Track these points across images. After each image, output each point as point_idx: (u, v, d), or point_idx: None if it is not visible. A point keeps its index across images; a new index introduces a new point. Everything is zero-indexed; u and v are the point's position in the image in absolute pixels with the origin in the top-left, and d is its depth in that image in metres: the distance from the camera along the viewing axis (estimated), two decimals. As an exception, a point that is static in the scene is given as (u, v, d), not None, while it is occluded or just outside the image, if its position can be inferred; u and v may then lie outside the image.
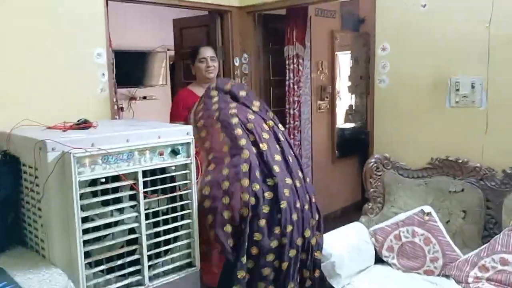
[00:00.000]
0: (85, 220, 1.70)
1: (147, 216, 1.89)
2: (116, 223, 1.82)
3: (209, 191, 2.16)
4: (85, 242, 1.71)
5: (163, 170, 1.96)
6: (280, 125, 2.48)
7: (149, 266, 1.92)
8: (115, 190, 1.80)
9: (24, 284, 1.55)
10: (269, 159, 2.21)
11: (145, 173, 1.86)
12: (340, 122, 4.97)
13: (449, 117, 2.50)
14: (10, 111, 2.12)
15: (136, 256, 1.88)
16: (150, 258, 1.92)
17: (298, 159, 2.40)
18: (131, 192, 1.85)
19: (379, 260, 2.46)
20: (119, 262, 1.83)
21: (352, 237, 2.39)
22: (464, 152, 2.42)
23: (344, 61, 4.86)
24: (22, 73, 2.22)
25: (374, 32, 2.71)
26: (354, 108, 5.19)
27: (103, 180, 1.76)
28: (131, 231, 1.88)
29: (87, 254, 1.73)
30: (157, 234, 1.96)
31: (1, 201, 1.80)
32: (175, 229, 2.03)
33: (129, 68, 5.33)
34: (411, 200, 2.51)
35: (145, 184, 1.87)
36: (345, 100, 5.01)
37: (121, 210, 1.84)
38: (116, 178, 1.79)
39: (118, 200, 1.82)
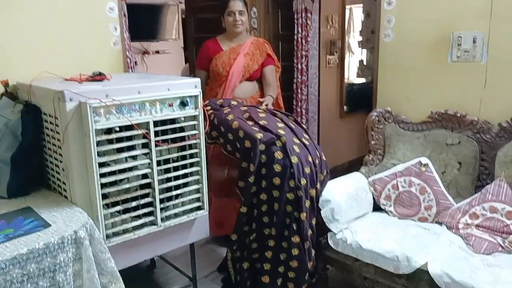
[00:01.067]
0: (102, 165, 1.85)
1: (158, 163, 2.03)
2: (130, 169, 1.97)
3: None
4: (103, 185, 1.86)
5: (173, 121, 2.08)
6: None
7: (161, 209, 2.09)
8: (129, 138, 1.93)
9: (50, 220, 1.73)
10: (272, 128, 2.40)
11: (156, 123, 1.99)
12: (351, 77, 5.00)
13: (450, 72, 2.55)
14: (29, 64, 2.25)
15: (149, 199, 2.04)
16: (162, 201, 2.08)
17: (301, 126, 2.57)
18: (144, 141, 1.98)
19: (377, 208, 2.60)
20: (134, 204, 1.99)
21: (351, 185, 2.51)
22: (463, 106, 2.49)
23: (356, 15, 4.83)
24: (38, 28, 2.31)
25: (381, -14, 2.73)
26: (364, 63, 5.19)
27: (118, 129, 1.90)
28: (145, 176, 2.03)
29: (104, 196, 1.89)
30: (168, 180, 2.11)
31: (26, 147, 1.97)
32: (185, 176, 2.18)
33: (141, 22, 5.36)
34: (410, 152, 2.62)
35: (156, 133, 2.00)
36: (355, 55, 5.01)
37: (134, 157, 1.98)
38: (129, 127, 1.92)
39: (131, 148, 1.96)
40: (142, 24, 5.45)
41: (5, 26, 2.20)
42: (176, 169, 2.14)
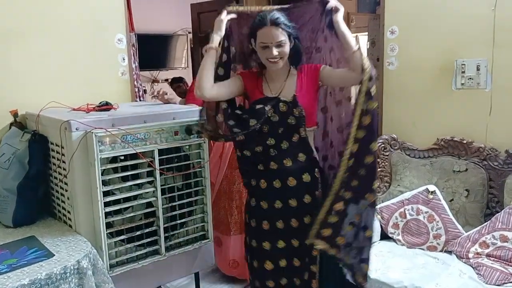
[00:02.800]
0: (106, 194, 1.86)
1: (163, 191, 2.04)
2: (135, 197, 1.97)
3: None
4: (107, 214, 1.87)
5: (178, 149, 2.10)
6: None
7: (166, 237, 2.08)
8: (134, 167, 1.95)
9: (53, 249, 1.73)
10: None
11: (161, 152, 2.00)
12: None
13: (455, 99, 2.55)
14: (38, 94, 2.30)
15: (153, 228, 2.04)
16: (166, 230, 2.08)
17: None
18: (149, 169, 1.99)
19: (385, 236, 2.56)
20: (138, 233, 1.99)
21: (358, 214, 2.49)
22: (469, 133, 2.48)
23: (361, 43, 4.89)
24: (47, 59, 2.37)
25: (384, 15, 2.76)
26: (371, 89, 5.22)
27: (123, 157, 1.92)
28: (149, 205, 2.03)
29: (108, 225, 1.89)
30: (173, 208, 2.11)
31: (32, 176, 1.99)
32: (190, 204, 2.18)
33: (151, 51, 5.48)
34: (417, 179, 2.59)
35: (161, 162, 2.01)
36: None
37: (139, 185, 1.99)
38: (134, 156, 1.93)
39: (136, 176, 1.97)
40: (152, 54, 5.57)
41: (16, 58, 2.26)
42: (180, 197, 2.14)
